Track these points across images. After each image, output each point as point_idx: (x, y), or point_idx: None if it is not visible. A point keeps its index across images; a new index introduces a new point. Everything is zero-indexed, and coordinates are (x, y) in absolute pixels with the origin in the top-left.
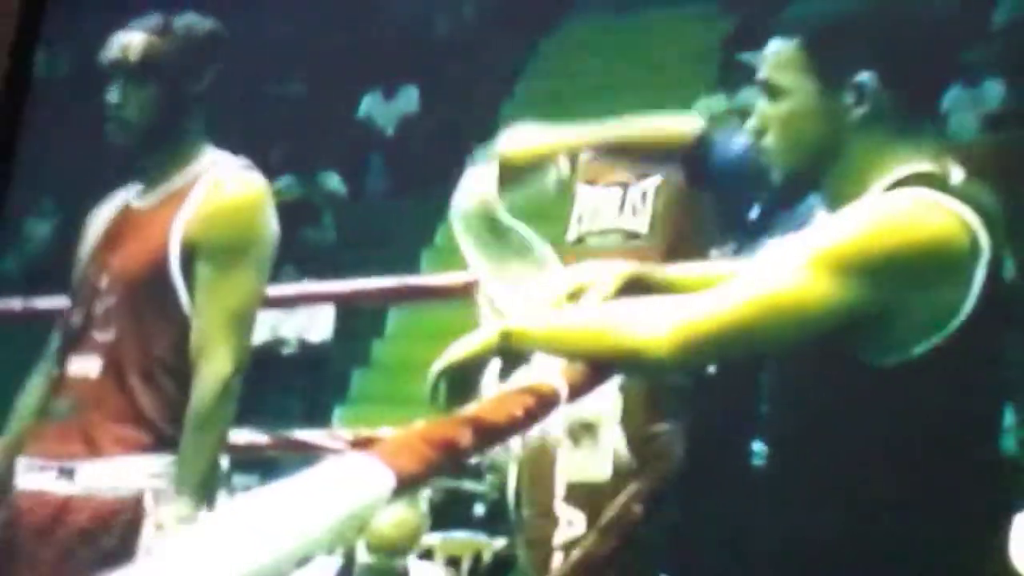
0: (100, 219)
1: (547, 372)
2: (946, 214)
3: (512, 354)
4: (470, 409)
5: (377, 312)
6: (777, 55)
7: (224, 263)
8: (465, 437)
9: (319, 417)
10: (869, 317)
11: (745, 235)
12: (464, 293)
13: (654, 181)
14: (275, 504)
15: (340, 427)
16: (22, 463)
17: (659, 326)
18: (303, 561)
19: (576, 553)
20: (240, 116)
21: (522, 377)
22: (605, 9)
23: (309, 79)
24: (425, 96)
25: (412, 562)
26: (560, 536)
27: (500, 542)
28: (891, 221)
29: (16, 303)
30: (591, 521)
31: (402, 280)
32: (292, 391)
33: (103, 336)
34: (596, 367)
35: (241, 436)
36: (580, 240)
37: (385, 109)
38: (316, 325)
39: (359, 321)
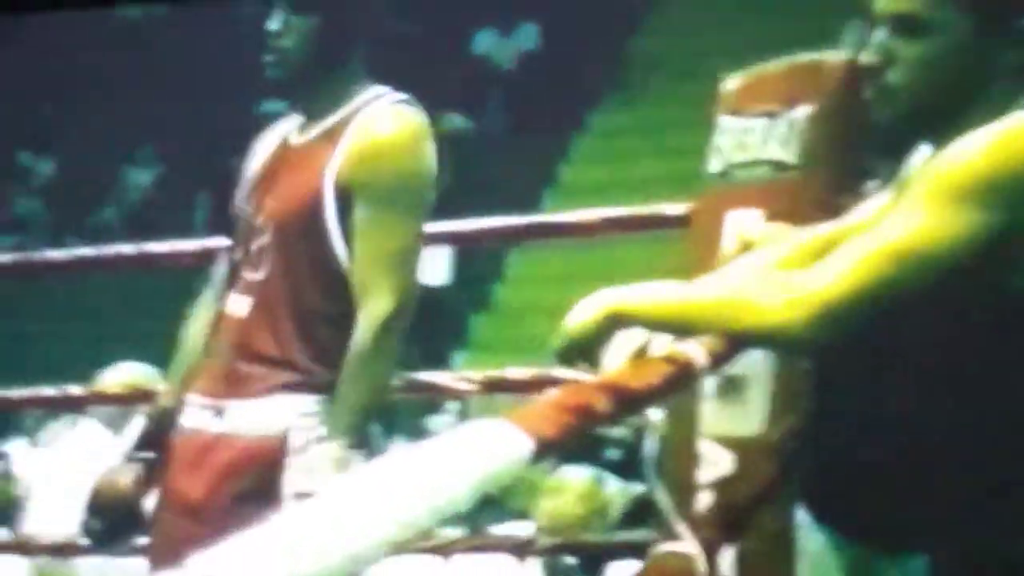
0: (260, 151)
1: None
2: None
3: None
4: (608, 375)
5: (496, 254)
6: None
7: (383, 203)
8: (602, 403)
9: (437, 363)
10: (1005, 241)
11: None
12: (591, 232)
13: (805, 110)
14: (417, 465)
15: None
16: (188, 401)
17: (793, 303)
18: (440, 522)
19: (721, 491)
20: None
21: (660, 343)
22: None
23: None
24: (545, 33)
25: None
26: (705, 475)
27: (636, 487)
28: (1010, 137)
29: (127, 248)
30: (738, 462)
31: (524, 219)
32: (408, 336)
33: (254, 275)
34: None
35: None
36: (724, 173)
37: (503, 46)
38: (432, 268)
39: (477, 264)
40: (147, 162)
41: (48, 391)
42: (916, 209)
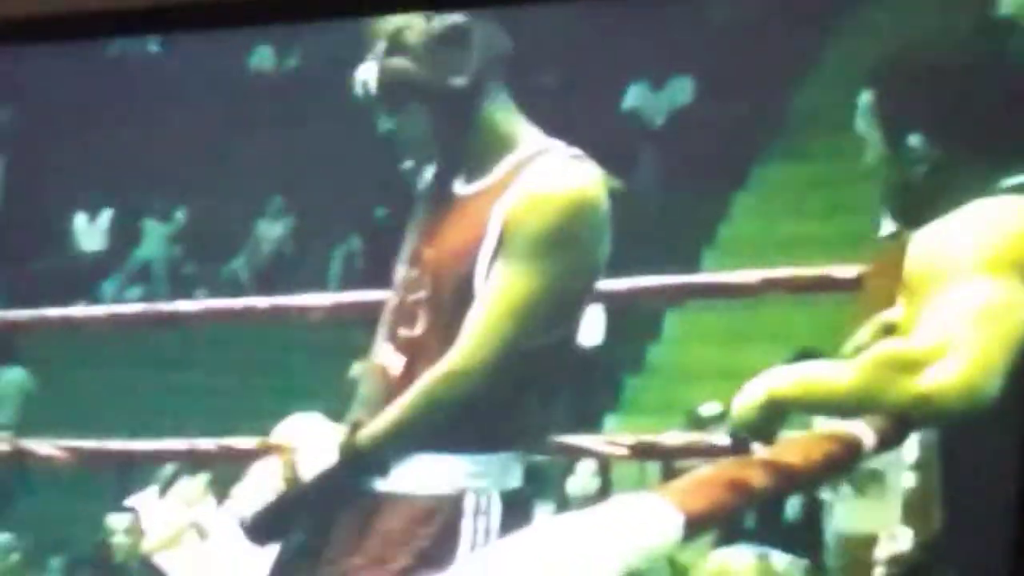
0: (424, 199)
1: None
2: None
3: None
4: (769, 450)
5: (653, 313)
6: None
7: (524, 258)
8: (759, 478)
9: (589, 426)
10: None
11: None
12: (753, 292)
13: None
14: (568, 538)
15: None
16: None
17: (947, 373)
18: None
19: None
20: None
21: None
22: None
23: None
24: (700, 87)
25: None
26: (883, 551)
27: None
28: None
29: (261, 301)
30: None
31: (682, 278)
32: (561, 397)
33: (410, 332)
34: (902, 419)
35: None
36: (896, 235)
37: (654, 100)
38: (585, 327)
39: (632, 323)
40: (277, 214)
41: (182, 444)
42: (1002, 276)
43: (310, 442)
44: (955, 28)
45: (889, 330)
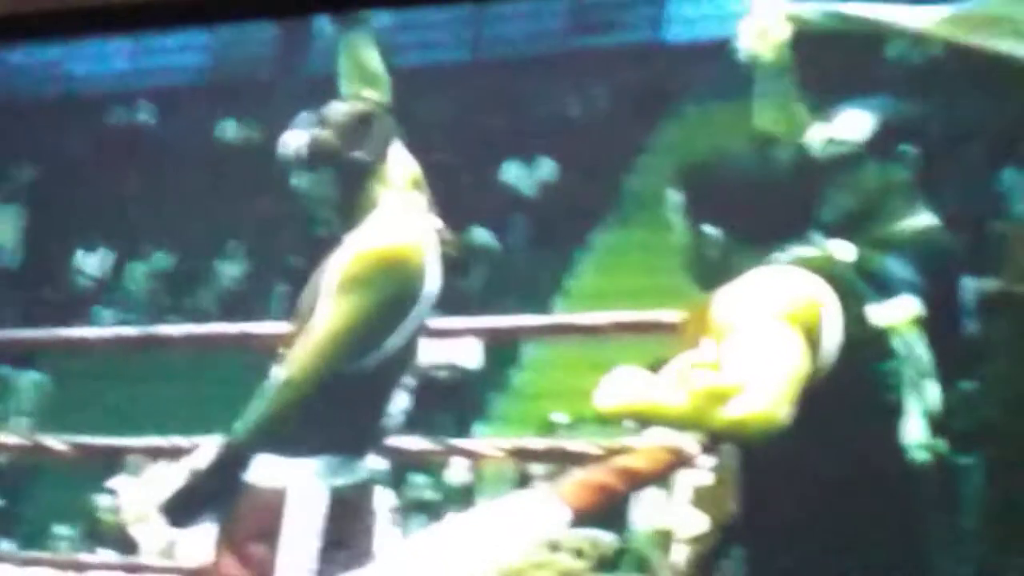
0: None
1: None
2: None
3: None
4: (623, 461)
5: (514, 345)
6: None
7: (340, 298)
8: (620, 484)
9: (462, 432)
10: None
11: None
12: (601, 332)
13: None
14: (479, 528)
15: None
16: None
17: (750, 405)
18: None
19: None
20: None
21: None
22: (714, 95)
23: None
24: (562, 166)
25: None
26: (684, 533)
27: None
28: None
29: (222, 327)
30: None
31: (545, 318)
32: (444, 409)
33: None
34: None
35: (415, 443)
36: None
37: (526, 175)
38: (467, 354)
39: (498, 353)
40: (235, 256)
41: (158, 441)
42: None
43: (208, 440)
44: (734, 143)
45: (697, 364)
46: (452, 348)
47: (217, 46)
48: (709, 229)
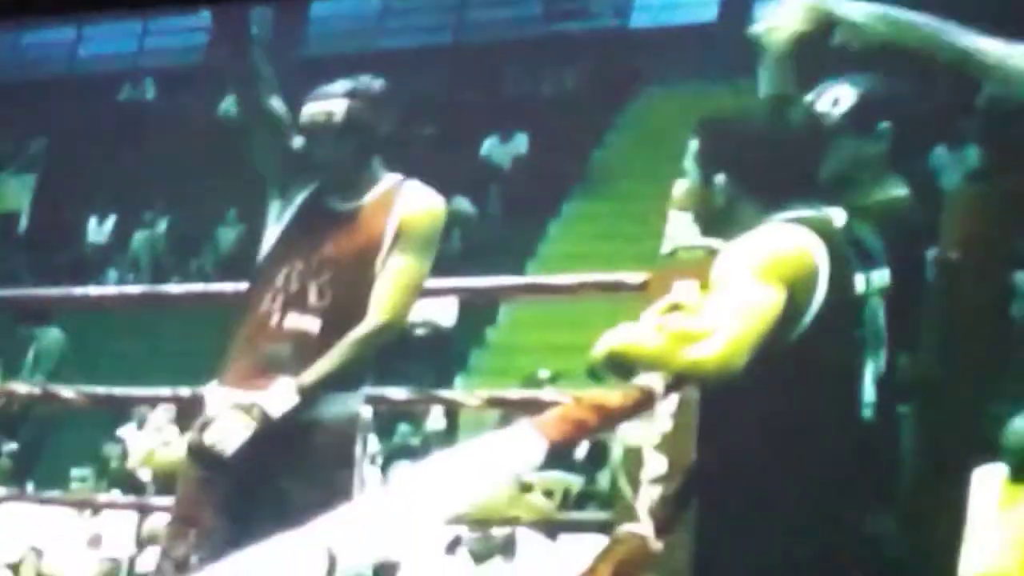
0: (284, 218)
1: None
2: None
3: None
4: (597, 397)
5: (492, 305)
6: None
7: (413, 253)
8: (593, 419)
9: (445, 383)
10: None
11: None
12: (571, 292)
13: None
14: (460, 462)
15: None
16: (218, 392)
17: (709, 349)
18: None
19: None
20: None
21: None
22: (678, 77)
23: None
24: (533, 142)
25: None
26: (647, 474)
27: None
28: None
29: (221, 287)
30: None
31: (518, 279)
32: (424, 362)
33: (319, 303)
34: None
35: (399, 393)
36: (672, 253)
37: (502, 150)
38: (444, 313)
39: (476, 311)
40: (233, 222)
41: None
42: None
43: (275, 388)
44: (753, 100)
45: (675, 308)
46: (430, 307)
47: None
48: (719, 178)
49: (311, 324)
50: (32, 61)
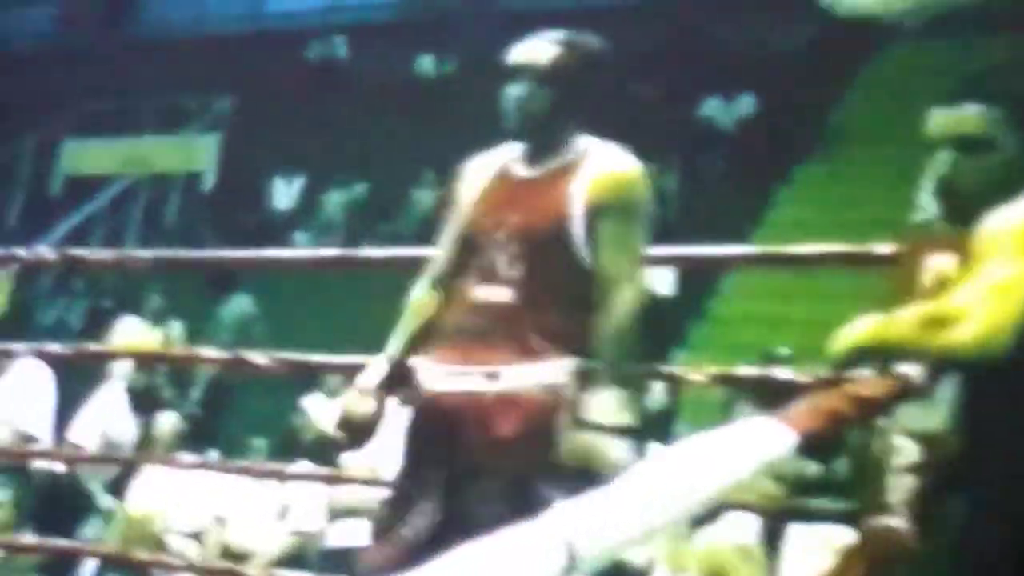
0: (475, 181)
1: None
2: None
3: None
4: (853, 388)
5: (713, 275)
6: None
7: (627, 220)
8: (848, 409)
9: (660, 359)
10: None
11: None
12: (810, 263)
13: None
14: (711, 451)
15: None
16: (430, 368)
17: (964, 333)
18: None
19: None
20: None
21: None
22: (920, 35)
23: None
24: (762, 102)
25: None
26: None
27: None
28: None
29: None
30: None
31: (755, 248)
32: (640, 334)
33: (511, 273)
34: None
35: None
36: (926, 225)
37: (725, 111)
38: (662, 283)
39: (696, 282)
40: (430, 185)
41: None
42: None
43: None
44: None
45: (943, 282)
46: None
47: None
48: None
49: (503, 295)
50: (216, 17)
